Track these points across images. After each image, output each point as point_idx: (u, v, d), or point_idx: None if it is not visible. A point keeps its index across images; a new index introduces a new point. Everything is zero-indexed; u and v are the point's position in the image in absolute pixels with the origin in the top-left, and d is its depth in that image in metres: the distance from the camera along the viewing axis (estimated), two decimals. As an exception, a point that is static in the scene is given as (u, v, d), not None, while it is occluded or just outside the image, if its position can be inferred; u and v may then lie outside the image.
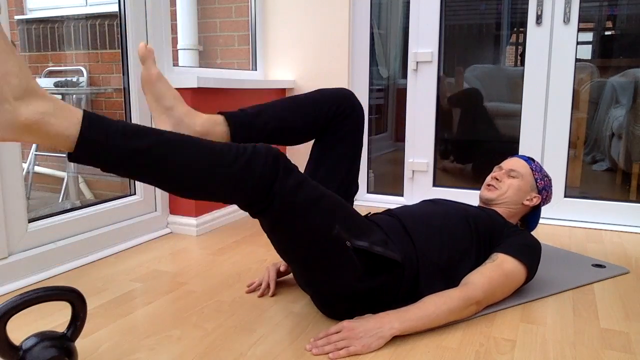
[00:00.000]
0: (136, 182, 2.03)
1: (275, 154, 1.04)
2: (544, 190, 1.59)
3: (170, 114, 1.15)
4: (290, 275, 1.57)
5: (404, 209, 1.45)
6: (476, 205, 1.65)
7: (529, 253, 1.37)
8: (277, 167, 1.04)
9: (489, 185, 1.60)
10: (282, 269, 1.51)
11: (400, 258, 1.22)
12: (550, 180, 1.62)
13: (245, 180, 1.01)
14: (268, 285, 1.46)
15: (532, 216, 1.63)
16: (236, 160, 1.01)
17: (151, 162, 0.94)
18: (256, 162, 1.02)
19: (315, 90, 1.37)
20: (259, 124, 1.24)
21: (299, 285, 1.40)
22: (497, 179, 1.59)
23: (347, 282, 1.18)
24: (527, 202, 1.56)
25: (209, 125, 1.17)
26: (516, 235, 1.42)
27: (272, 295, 1.43)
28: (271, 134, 1.27)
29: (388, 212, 1.42)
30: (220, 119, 1.20)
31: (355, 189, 1.41)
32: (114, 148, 0.91)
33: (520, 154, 2.32)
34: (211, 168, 0.99)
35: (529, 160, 1.62)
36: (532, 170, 1.59)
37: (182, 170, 0.96)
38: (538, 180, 1.58)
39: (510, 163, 1.62)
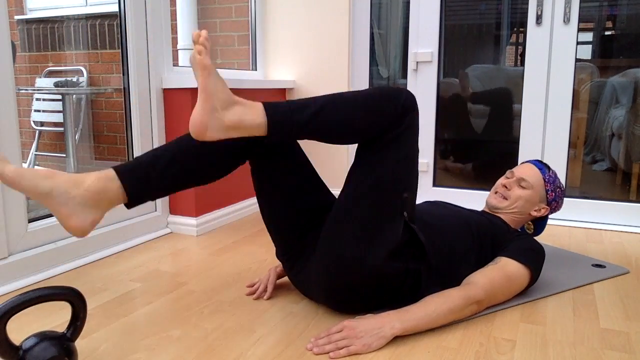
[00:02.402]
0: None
1: (415, 99, 1.20)
2: (554, 201, 1.56)
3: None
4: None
5: None
6: (479, 210, 1.64)
7: (533, 257, 1.37)
8: (415, 108, 1.20)
9: (497, 193, 1.57)
10: (281, 271, 1.50)
11: (429, 254, 1.28)
12: (562, 190, 1.57)
13: (390, 110, 1.16)
14: (265, 288, 1.45)
15: (538, 224, 1.63)
16: (382, 96, 1.17)
17: (321, 123, 1.13)
18: (402, 97, 1.17)
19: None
20: (155, 177, 1.16)
21: (298, 285, 1.39)
22: (506, 188, 1.55)
23: (381, 247, 1.18)
24: (534, 213, 1.55)
25: (99, 184, 1.09)
26: (520, 239, 1.42)
27: (268, 299, 1.43)
28: (173, 185, 1.19)
29: None
30: (112, 174, 1.12)
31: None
32: (293, 123, 1.12)
33: (519, 155, 2.32)
34: (366, 108, 1.15)
35: (544, 169, 1.56)
36: (545, 181, 1.54)
37: (345, 122, 1.15)
38: (549, 192, 1.54)
39: (522, 170, 1.57)
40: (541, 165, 1.58)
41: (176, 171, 1.18)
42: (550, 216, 2.28)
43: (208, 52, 1.05)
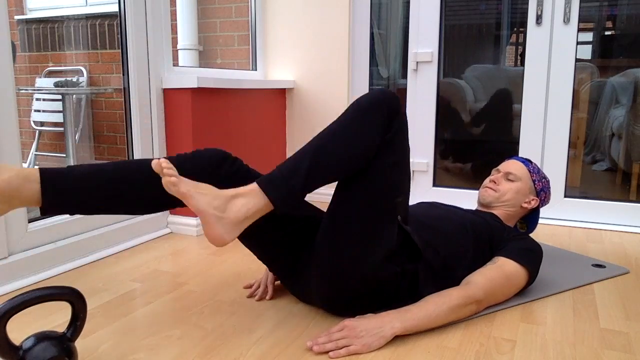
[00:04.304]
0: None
1: (397, 97, 1.17)
2: (542, 191, 1.60)
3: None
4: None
5: None
6: (473, 209, 1.64)
7: (530, 257, 1.37)
8: (399, 105, 1.17)
9: (486, 188, 1.61)
10: None
11: (422, 250, 1.27)
12: (548, 181, 1.62)
13: (377, 120, 1.13)
14: (266, 289, 1.44)
15: (531, 218, 1.63)
16: (366, 111, 1.14)
17: (316, 175, 1.10)
18: (382, 102, 1.14)
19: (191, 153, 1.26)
20: (78, 195, 1.09)
21: (292, 288, 1.39)
22: (494, 182, 1.60)
23: (377, 252, 1.17)
24: (525, 205, 1.57)
25: (18, 181, 1.01)
26: (517, 239, 1.42)
27: (270, 299, 1.43)
28: (94, 208, 1.12)
29: None
30: (34, 174, 1.04)
31: None
32: (295, 190, 1.10)
33: (518, 155, 2.32)
34: (356, 133, 1.13)
35: (527, 162, 1.63)
36: (530, 172, 1.60)
37: (343, 160, 1.13)
38: (536, 182, 1.60)
39: (507, 166, 1.63)
40: (523, 159, 1.65)
41: (103, 195, 1.11)
42: (550, 216, 2.28)
43: (176, 175, 1.01)
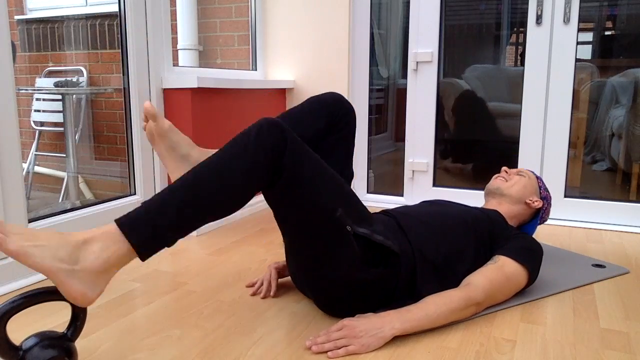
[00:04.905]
0: (136, 182, 2.03)
1: (280, 125, 1.07)
2: (545, 200, 1.65)
3: (187, 160, 1.22)
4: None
5: (400, 209, 1.45)
6: (478, 207, 1.65)
7: (531, 257, 1.37)
8: (285, 137, 1.07)
9: (498, 177, 1.68)
10: (281, 268, 1.50)
11: (398, 249, 1.23)
12: (550, 197, 1.68)
13: (259, 159, 1.05)
14: (269, 286, 1.45)
15: (530, 224, 1.65)
16: (246, 148, 1.05)
17: (190, 214, 1.00)
18: (264, 137, 1.05)
19: (307, 101, 1.34)
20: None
21: (296, 284, 1.40)
22: (506, 172, 1.69)
23: (344, 267, 1.18)
24: (529, 202, 1.60)
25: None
26: (518, 238, 1.42)
27: (274, 296, 1.43)
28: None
29: (384, 212, 1.42)
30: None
31: (350, 175, 1.43)
32: (161, 231, 0.98)
33: (519, 155, 2.32)
34: (232, 175, 1.03)
35: (534, 172, 1.74)
36: (537, 178, 1.68)
37: (215, 198, 1.02)
38: (541, 189, 1.66)
39: (517, 168, 1.72)
40: (531, 171, 1.75)
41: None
42: (550, 216, 2.28)
43: (4, 232, 0.88)
